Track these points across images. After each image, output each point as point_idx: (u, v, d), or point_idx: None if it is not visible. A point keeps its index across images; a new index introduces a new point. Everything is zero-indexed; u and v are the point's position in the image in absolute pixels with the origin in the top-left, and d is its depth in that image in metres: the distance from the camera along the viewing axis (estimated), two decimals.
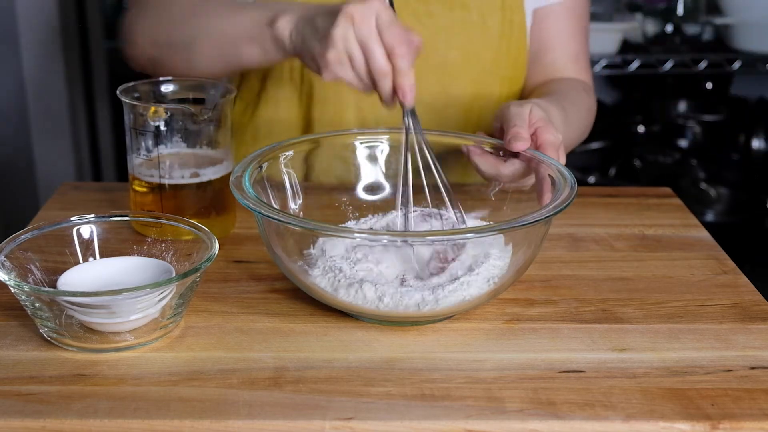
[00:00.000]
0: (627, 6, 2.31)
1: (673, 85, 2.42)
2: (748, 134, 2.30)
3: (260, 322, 0.82)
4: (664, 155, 2.36)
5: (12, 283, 0.76)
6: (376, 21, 0.85)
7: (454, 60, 1.17)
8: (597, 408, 0.70)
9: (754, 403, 0.71)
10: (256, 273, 0.91)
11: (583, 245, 1.00)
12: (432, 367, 0.76)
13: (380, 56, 0.85)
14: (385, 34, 0.85)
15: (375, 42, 0.85)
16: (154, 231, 0.87)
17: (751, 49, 2.13)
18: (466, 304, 0.81)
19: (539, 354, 0.78)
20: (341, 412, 0.69)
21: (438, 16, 1.15)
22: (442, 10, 1.15)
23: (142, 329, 0.78)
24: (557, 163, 0.89)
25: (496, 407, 0.70)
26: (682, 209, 1.11)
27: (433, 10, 1.15)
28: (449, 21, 1.16)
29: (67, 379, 0.73)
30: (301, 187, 0.94)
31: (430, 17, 1.15)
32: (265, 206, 0.81)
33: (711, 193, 2.31)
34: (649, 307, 0.87)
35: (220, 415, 0.68)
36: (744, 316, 0.85)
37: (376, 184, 0.98)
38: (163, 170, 0.95)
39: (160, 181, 0.96)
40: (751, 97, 2.37)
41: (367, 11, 0.85)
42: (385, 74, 0.85)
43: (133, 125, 0.96)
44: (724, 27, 2.18)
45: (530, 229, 0.81)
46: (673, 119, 2.40)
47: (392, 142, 0.98)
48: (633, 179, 2.34)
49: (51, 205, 1.08)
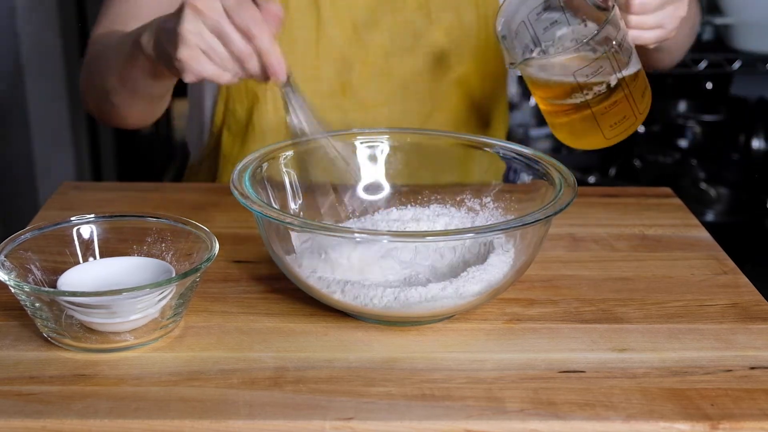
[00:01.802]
0: None
1: (673, 85, 2.41)
2: (748, 134, 2.30)
3: (260, 322, 0.82)
4: (664, 155, 2.36)
5: (12, 283, 0.76)
6: (223, 5, 0.80)
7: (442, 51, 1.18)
8: (597, 408, 0.70)
9: (754, 403, 0.71)
10: (256, 273, 0.91)
11: (583, 245, 1.00)
12: (432, 367, 0.76)
13: (237, 40, 0.80)
14: (235, 18, 0.80)
15: (228, 26, 0.80)
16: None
17: (751, 49, 2.13)
18: (466, 304, 0.81)
19: (539, 354, 0.78)
20: (341, 412, 0.69)
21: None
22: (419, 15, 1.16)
23: (142, 329, 0.78)
24: (558, 163, 0.89)
25: (496, 407, 0.70)
26: (682, 209, 1.11)
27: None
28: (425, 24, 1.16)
29: (68, 379, 0.73)
30: (301, 187, 0.94)
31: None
32: (265, 206, 0.81)
33: (711, 193, 2.31)
34: (650, 307, 0.87)
35: (220, 415, 0.68)
36: (744, 316, 0.85)
37: (376, 184, 0.98)
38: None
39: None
40: (751, 97, 2.36)
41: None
42: (248, 56, 0.81)
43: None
44: (724, 27, 2.18)
45: (530, 229, 0.81)
46: (673, 119, 2.40)
47: (392, 142, 0.98)
48: (633, 179, 2.34)
49: (51, 205, 1.08)
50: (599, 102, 0.91)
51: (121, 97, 1.03)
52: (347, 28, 1.16)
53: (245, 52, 0.81)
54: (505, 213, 0.94)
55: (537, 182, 0.90)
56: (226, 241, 0.96)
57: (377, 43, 1.16)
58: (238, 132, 1.22)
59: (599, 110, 0.91)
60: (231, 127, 1.22)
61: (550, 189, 0.86)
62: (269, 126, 1.20)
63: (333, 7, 1.15)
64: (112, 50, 1.02)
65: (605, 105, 0.91)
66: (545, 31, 0.96)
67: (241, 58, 0.81)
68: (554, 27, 0.96)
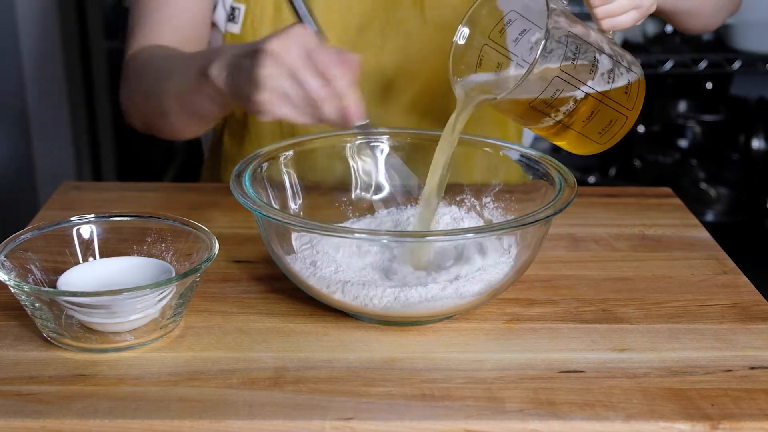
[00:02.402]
0: None
1: (673, 85, 2.41)
2: (748, 134, 2.30)
3: (260, 322, 0.82)
4: (664, 155, 2.36)
5: (12, 283, 0.76)
6: (302, 49, 0.80)
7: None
8: (597, 408, 0.70)
9: (754, 403, 0.71)
10: (256, 273, 0.91)
11: (583, 245, 1.00)
12: (432, 367, 0.76)
13: (314, 84, 0.80)
14: (312, 61, 0.80)
15: (305, 71, 0.80)
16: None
17: (751, 49, 2.13)
18: (466, 304, 0.81)
19: (539, 354, 0.78)
20: (341, 412, 0.69)
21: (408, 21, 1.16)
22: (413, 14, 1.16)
23: (142, 329, 0.78)
24: (558, 163, 0.89)
25: (496, 407, 0.70)
26: (682, 209, 1.11)
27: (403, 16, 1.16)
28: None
29: (67, 379, 0.73)
30: (301, 187, 0.94)
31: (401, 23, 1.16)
32: (265, 206, 0.81)
33: (711, 193, 2.31)
34: (650, 307, 0.87)
35: (220, 415, 0.68)
36: (744, 316, 0.85)
37: (376, 184, 0.98)
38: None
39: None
40: (751, 97, 2.37)
41: (287, 42, 0.80)
42: (324, 100, 0.80)
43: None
44: (724, 27, 2.18)
45: (530, 229, 0.81)
46: (673, 119, 2.40)
47: (393, 142, 0.98)
48: (633, 179, 2.34)
49: (51, 205, 1.08)
50: (573, 118, 0.85)
51: (179, 119, 1.02)
52: (342, 31, 1.16)
53: (322, 96, 0.80)
54: (505, 213, 0.94)
55: (537, 182, 0.90)
56: (226, 241, 0.96)
57: (370, 43, 1.16)
58: (237, 132, 1.22)
59: (577, 125, 0.85)
60: (231, 127, 1.23)
61: (550, 189, 0.86)
62: (265, 127, 1.20)
63: (328, 11, 1.15)
64: (166, 73, 1.01)
65: (581, 119, 0.85)
66: (516, 43, 0.90)
67: (317, 101, 0.81)
68: (525, 35, 0.89)
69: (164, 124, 1.06)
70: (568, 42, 0.81)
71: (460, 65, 0.89)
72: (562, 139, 0.88)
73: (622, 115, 0.88)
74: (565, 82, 0.82)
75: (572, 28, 0.82)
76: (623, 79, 0.86)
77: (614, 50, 0.87)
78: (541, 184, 0.89)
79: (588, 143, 0.89)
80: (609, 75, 0.85)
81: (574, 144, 0.89)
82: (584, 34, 0.83)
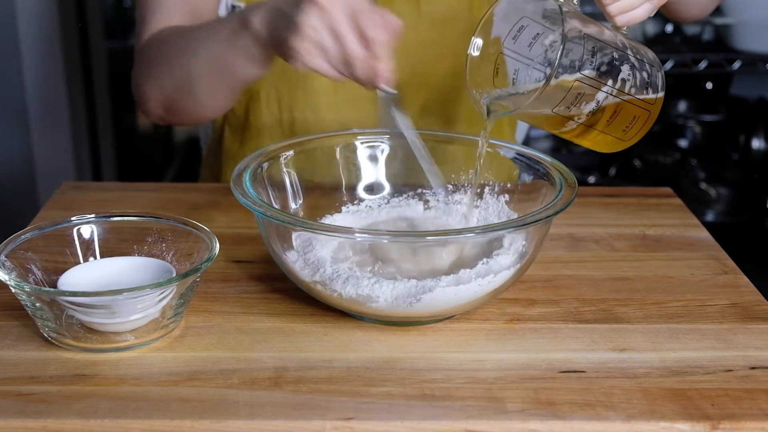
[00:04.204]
0: None
1: (673, 85, 2.41)
2: (748, 134, 2.30)
3: (260, 322, 0.82)
4: (664, 155, 2.36)
5: (12, 283, 0.76)
6: (348, 6, 0.81)
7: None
8: (597, 408, 0.70)
9: (754, 403, 0.71)
10: (256, 273, 0.91)
11: (583, 245, 1.00)
12: (432, 367, 0.76)
13: (352, 42, 0.81)
14: (354, 20, 0.81)
15: (346, 28, 0.81)
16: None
17: (751, 49, 2.13)
18: (466, 304, 0.81)
19: (539, 354, 0.78)
20: (341, 412, 0.69)
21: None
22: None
23: (143, 329, 0.78)
24: (558, 163, 0.89)
25: (496, 407, 0.70)
26: (682, 209, 1.11)
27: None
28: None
29: (68, 379, 0.73)
30: (302, 187, 0.94)
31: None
32: (266, 206, 0.81)
33: (711, 193, 2.31)
34: (650, 307, 0.87)
35: (220, 415, 0.68)
36: (744, 316, 0.85)
37: (376, 184, 0.98)
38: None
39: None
40: (751, 97, 2.37)
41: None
42: (359, 60, 0.81)
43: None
44: (724, 27, 2.18)
45: (531, 229, 0.81)
46: (673, 119, 2.40)
47: (393, 141, 0.98)
48: (633, 179, 2.34)
49: (51, 205, 1.08)
50: (597, 119, 0.85)
51: (208, 87, 1.02)
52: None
53: (357, 56, 0.81)
54: (505, 213, 0.94)
55: (537, 182, 0.90)
56: (227, 241, 0.96)
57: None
58: (238, 129, 1.22)
59: (602, 125, 0.85)
60: (232, 123, 1.22)
61: (551, 189, 0.86)
62: (264, 124, 1.20)
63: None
64: (194, 40, 1.01)
65: (605, 119, 0.85)
66: (530, 47, 0.89)
67: (351, 60, 0.82)
68: (538, 39, 0.89)
69: (188, 99, 1.04)
70: (585, 43, 0.81)
71: (477, 77, 0.89)
72: (585, 140, 0.88)
73: (645, 111, 0.88)
74: (587, 85, 0.82)
75: (586, 29, 0.82)
76: (643, 73, 0.87)
77: (631, 45, 0.86)
78: (542, 184, 0.89)
79: (613, 141, 0.89)
80: (630, 72, 0.85)
81: (598, 143, 0.89)
82: (598, 33, 0.83)
